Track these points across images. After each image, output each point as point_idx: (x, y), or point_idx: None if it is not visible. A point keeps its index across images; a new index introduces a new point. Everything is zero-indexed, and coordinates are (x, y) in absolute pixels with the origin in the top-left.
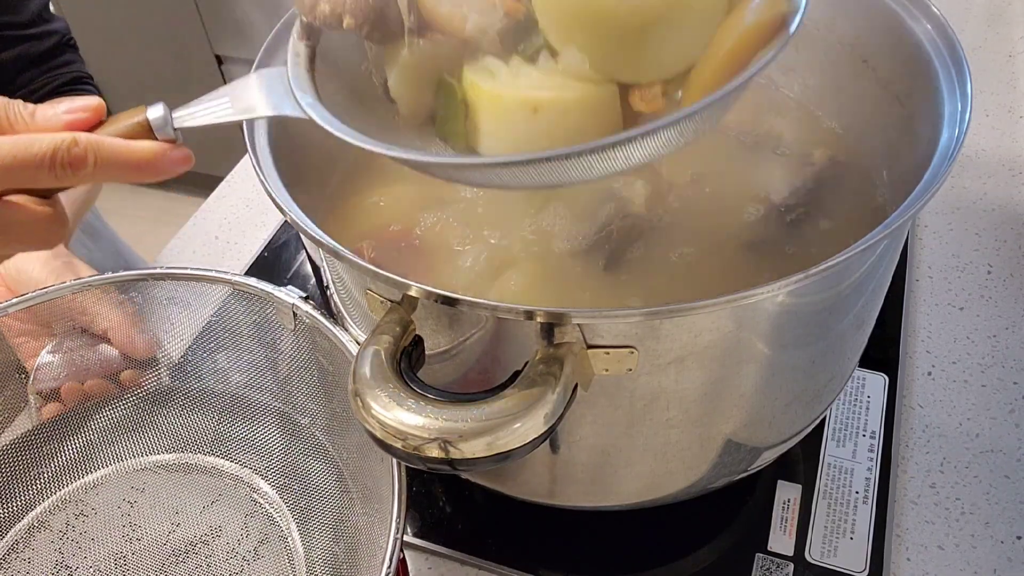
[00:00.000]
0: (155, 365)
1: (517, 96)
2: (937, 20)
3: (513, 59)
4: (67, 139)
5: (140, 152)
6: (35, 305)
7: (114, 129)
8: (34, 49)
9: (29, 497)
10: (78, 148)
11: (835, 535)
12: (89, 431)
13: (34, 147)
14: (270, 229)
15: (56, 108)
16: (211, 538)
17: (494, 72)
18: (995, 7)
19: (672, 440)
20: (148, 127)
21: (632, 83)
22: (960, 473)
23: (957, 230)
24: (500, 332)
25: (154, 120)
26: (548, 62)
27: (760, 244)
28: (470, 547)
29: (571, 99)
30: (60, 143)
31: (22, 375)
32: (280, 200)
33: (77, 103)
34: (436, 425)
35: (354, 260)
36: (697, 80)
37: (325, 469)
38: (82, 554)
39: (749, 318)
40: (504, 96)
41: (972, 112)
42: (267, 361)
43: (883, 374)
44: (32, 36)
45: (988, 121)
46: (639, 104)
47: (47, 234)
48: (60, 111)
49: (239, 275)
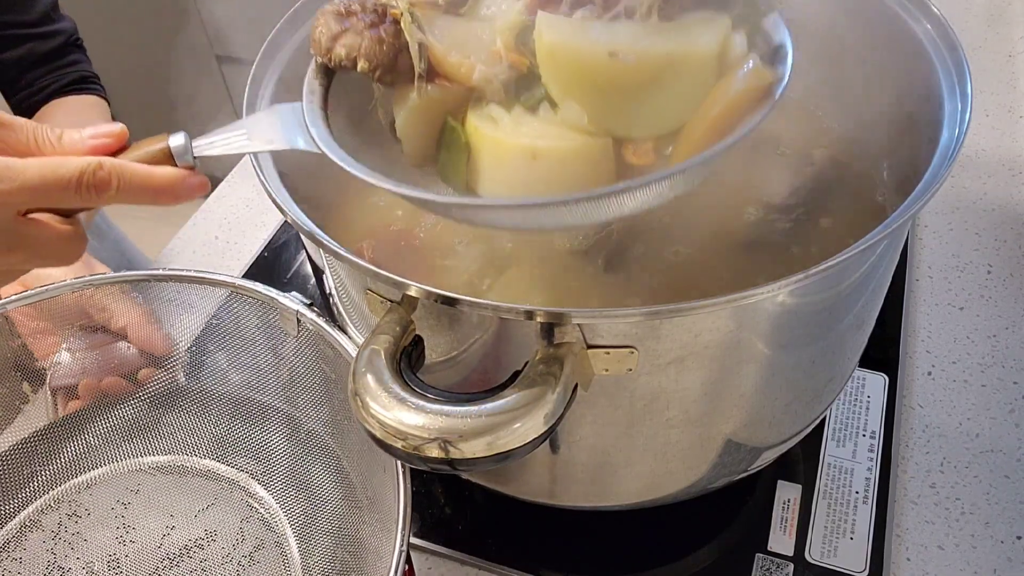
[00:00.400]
0: (164, 365)
1: (518, 143)
2: (937, 20)
3: (515, 108)
4: (93, 163)
5: (160, 178)
6: (37, 302)
7: (136, 155)
8: (40, 48)
9: (23, 496)
10: (103, 172)
11: (835, 535)
12: (88, 432)
13: (62, 170)
14: (270, 229)
15: (82, 133)
16: (206, 542)
17: (497, 119)
18: (995, 7)
19: (672, 440)
20: (169, 154)
21: (626, 138)
22: (960, 473)
23: (957, 230)
24: (500, 332)
25: (175, 148)
26: (548, 113)
27: (760, 244)
28: (470, 547)
29: (568, 149)
30: (86, 167)
31: (18, 373)
32: (280, 200)
33: (101, 129)
34: (436, 425)
35: (354, 260)
36: (687, 138)
37: (325, 475)
38: (75, 555)
39: (749, 318)
40: (505, 142)
41: (972, 112)
42: (268, 365)
43: (883, 374)
44: (39, 35)
45: (988, 121)
46: (631, 157)
47: (67, 251)
48: (85, 136)
49: (242, 279)
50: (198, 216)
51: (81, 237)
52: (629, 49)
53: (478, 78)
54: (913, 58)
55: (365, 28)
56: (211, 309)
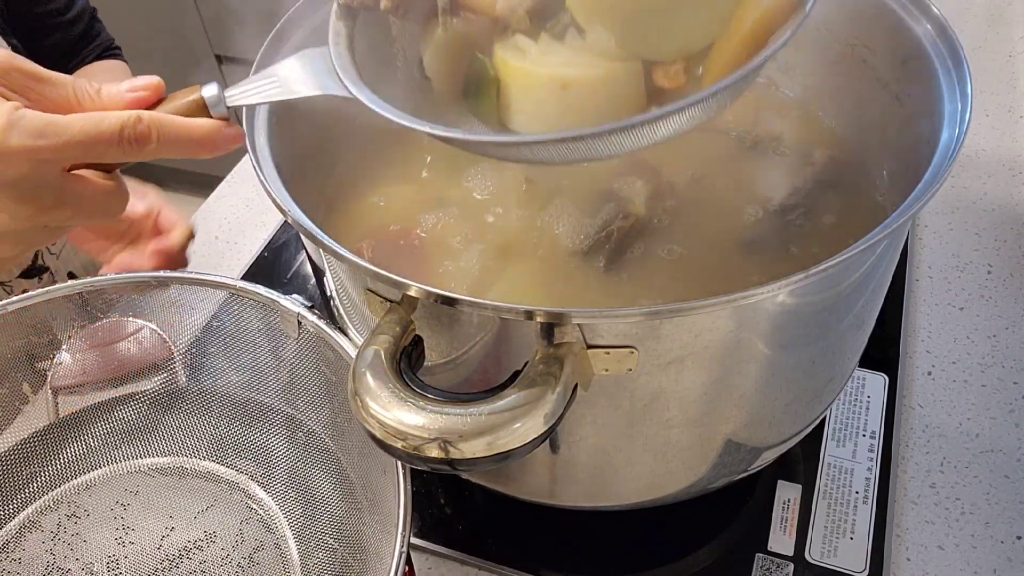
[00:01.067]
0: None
1: (547, 73)
2: (937, 20)
3: (542, 36)
4: (132, 116)
5: (199, 129)
6: (35, 304)
7: (172, 107)
8: (71, 34)
9: (22, 497)
10: (142, 125)
11: (835, 535)
12: (87, 433)
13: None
14: (270, 229)
15: (119, 86)
16: (205, 544)
17: (524, 50)
18: (995, 7)
19: (672, 440)
20: (204, 105)
21: (656, 60)
22: (960, 473)
23: (957, 230)
24: (500, 332)
25: (209, 98)
26: (575, 40)
27: (760, 244)
28: (470, 547)
29: (599, 76)
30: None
31: (18, 374)
32: (280, 200)
33: (138, 82)
34: (436, 425)
35: (354, 260)
36: (717, 58)
37: (325, 476)
38: (74, 556)
39: (749, 318)
40: (535, 73)
41: (972, 112)
42: (268, 367)
43: (883, 374)
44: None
45: (988, 121)
46: (662, 80)
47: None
48: (123, 89)
49: (244, 281)
50: (198, 216)
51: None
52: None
53: (501, 7)
54: (913, 58)
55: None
56: (212, 310)
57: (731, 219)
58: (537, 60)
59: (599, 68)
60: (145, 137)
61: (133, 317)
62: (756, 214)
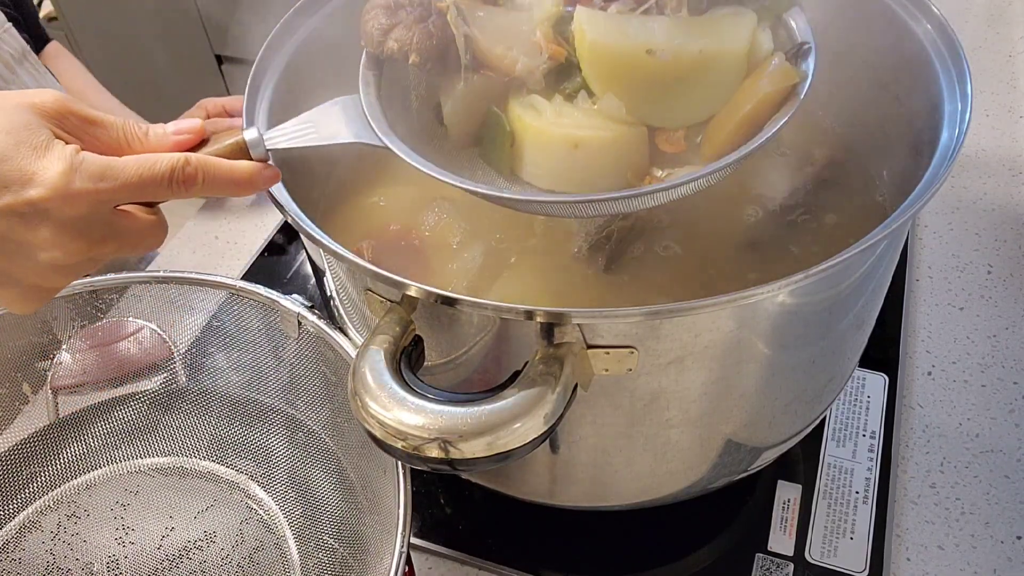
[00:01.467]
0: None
1: (561, 134)
2: (937, 20)
3: (555, 97)
4: (181, 160)
5: (240, 171)
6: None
7: (216, 149)
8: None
9: (22, 497)
10: (190, 168)
11: (835, 535)
12: (87, 433)
13: (156, 167)
14: (270, 229)
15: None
16: (205, 543)
17: (540, 109)
18: (995, 7)
19: (672, 440)
20: (245, 147)
21: (660, 127)
22: (960, 473)
23: (957, 230)
24: (500, 332)
25: (250, 141)
26: (586, 102)
27: (760, 244)
28: (470, 547)
29: (608, 138)
30: (176, 163)
31: (19, 374)
32: (280, 200)
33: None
34: (436, 425)
35: (353, 260)
36: (717, 131)
37: (325, 476)
38: (74, 555)
39: (749, 318)
40: (548, 132)
41: (972, 112)
42: (268, 367)
43: (883, 374)
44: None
45: (988, 121)
46: (664, 145)
47: (152, 239)
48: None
49: (244, 281)
50: (198, 216)
51: (163, 225)
52: (665, 46)
53: (521, 68)
54: (913, 58)
55: (414, 23)
56: (212, 310)
57: (731, 219)
58: (552, 120)
59: (609, 131)
60: (192, 179)
61: (133, 317)
62: (756, 214)
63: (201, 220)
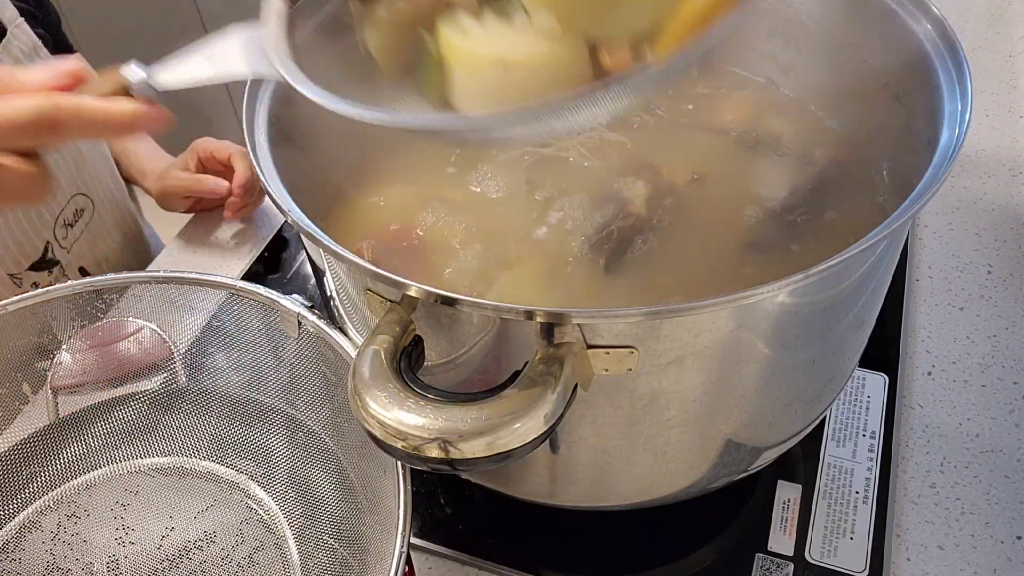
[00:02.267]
0: (157, 370)
1: (489, 54)
2: (937, 20)
3: (486, 16)
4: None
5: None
6: (35, 304)
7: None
8: None
9: (22, 497)
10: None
11: (835, 535)
12: (87, 433)
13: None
14: (270, 229)
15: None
16: (205, 544)
17: (467, 30)
18: (995, 7)
19: (672, 440)
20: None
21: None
22: (960, 473)
23: (957, 230)
24: (500, 332)
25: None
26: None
27: (760, 244)
28: (470, 547)
29: (540, 57)
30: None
31: (19, 374)
32: (280, 200)
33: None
34: (436, 425)
35: (353, 260)
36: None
37: (325, 476)
38: (74, 556)
39: (749, 318)
40: (476, 54)
41: (972, 112)
42: (268, 367)
43: (883, 374)
44: None
45: (988, 121)
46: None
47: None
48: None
49: (244, 281)
50: (198, 215)
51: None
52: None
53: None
54: (913, 58)
55: None
56: (212, 310)
57: (731, 219)
58: (480, 41)
59: (541, 49)
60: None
61: (133, 317)
62: (756, 214)
63: (201, 219)
